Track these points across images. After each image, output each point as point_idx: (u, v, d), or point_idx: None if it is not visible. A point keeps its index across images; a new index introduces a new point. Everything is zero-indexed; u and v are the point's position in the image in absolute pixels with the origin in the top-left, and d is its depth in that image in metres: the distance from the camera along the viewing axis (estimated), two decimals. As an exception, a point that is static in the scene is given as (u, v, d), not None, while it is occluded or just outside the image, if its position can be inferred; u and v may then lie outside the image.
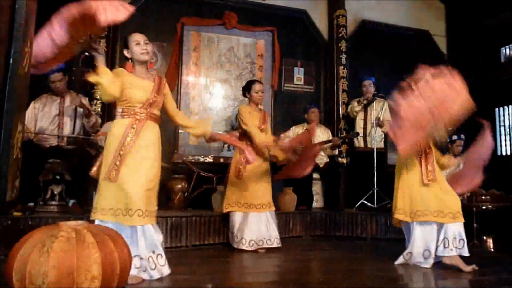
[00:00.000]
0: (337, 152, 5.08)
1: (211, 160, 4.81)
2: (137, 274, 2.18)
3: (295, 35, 5.84)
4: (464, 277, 2.56)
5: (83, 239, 1.64)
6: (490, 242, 4.39)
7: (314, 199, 4.72)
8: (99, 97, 4.38)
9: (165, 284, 2.20)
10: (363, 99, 5.07)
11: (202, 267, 2.76)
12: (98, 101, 4.40)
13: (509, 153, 5.76)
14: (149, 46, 2.40)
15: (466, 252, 2.70)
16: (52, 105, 3.65)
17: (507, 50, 5.82)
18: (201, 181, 4.34)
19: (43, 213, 3.14)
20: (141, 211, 2.16)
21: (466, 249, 2.71)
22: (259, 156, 3.41)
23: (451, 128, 2.70)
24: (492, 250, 4.32)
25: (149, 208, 2.22)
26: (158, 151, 2.37)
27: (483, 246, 4.32)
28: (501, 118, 5.89)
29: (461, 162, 3.21)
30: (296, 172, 3.47)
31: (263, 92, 3.62)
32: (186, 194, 4.10)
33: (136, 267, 2.16)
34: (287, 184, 4.29)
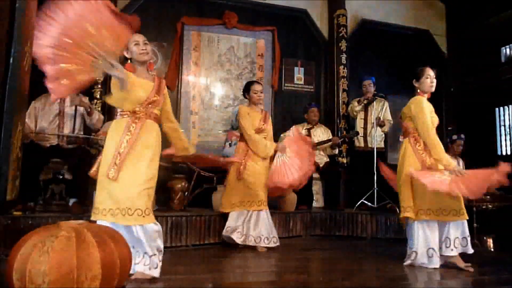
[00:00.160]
0: (337, 151, 5.09)
1: (211, 159, 4.81)
2: (143, 271, 2.20)
3: (295, 35, 5.83)
4: (464, 277, 2.57)
5: (83, 238, 1.64)
6: (490, 242, 4.40)
7: (314, 198, 4.72)
8: (99, 96, 4.38)
9: (165, 283, 2.20)
10: (363, 99, 5.07)
11: (202, 267, 2.77)
12: (98, 101, 4.39)
13: (509, 153, 5.75)
14: (148, 46, 2.40)
15: (470, 250, 2.71)
16: (52, 104, 3.64)
17: (507, 49, 5.81)
18: (201, 180, 4.33)
19: (43, 212, 3.14)
20: (140, 210, 2.16)
21: (470, 247, 2.71)
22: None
23: None
24: (492, 250, 4.33)
25: (149, 206, 2.22)
26: (157, 150, 2.37)
27: (483, 246, 4.33)
28: (501, 118, 5.88)
29: (461, 162, 3.20)
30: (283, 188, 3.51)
31: (262, 92, 3.62)
32: (186, 193, 4.09)
33: (145, 264, 2.19)
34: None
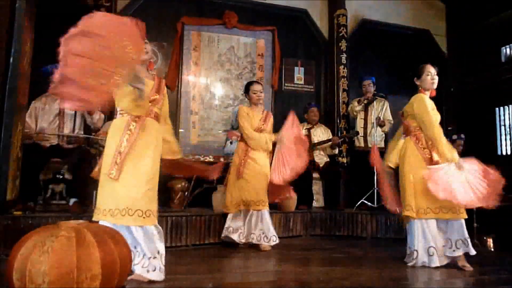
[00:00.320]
0: (337, 151, 5.09)
1: (212, 159, 4.82)
2: (141, 273, 2.18)
3: (295, 35, 5.83)
4: (464, 277, 2.57)
5: (83, 238, 1.64)
6: (490, 241, 4.40)
7: (314, 198, 4.72)
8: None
9: (165, 283, 2.20)
10: (363, 99, 5.07)
11: (202, 267, 2.76)
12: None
13: (509, 153, 5.75)
14: (148, 45, 2.40)
15: (472, 251, 2.70)
16: (52, 104, 3.64)
17: (507, 49, 5.81)
18: (201, 180, 4.34)
19: (43, 212, 3.14)
20: (141, 211, 2.14)
21: (471, 248, 2.70)
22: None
23: None
24: (492, 249, 4.33)
25: (150, 208, 2.19)
26: (158, 149, 2.35)
27: (483, 246, 4.33)
28: (501, 118, 5.88)
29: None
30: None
31: (262, 92, 3.62)
32: (186, 193, 4.10)
33: (143, 266, 2.18)
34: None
